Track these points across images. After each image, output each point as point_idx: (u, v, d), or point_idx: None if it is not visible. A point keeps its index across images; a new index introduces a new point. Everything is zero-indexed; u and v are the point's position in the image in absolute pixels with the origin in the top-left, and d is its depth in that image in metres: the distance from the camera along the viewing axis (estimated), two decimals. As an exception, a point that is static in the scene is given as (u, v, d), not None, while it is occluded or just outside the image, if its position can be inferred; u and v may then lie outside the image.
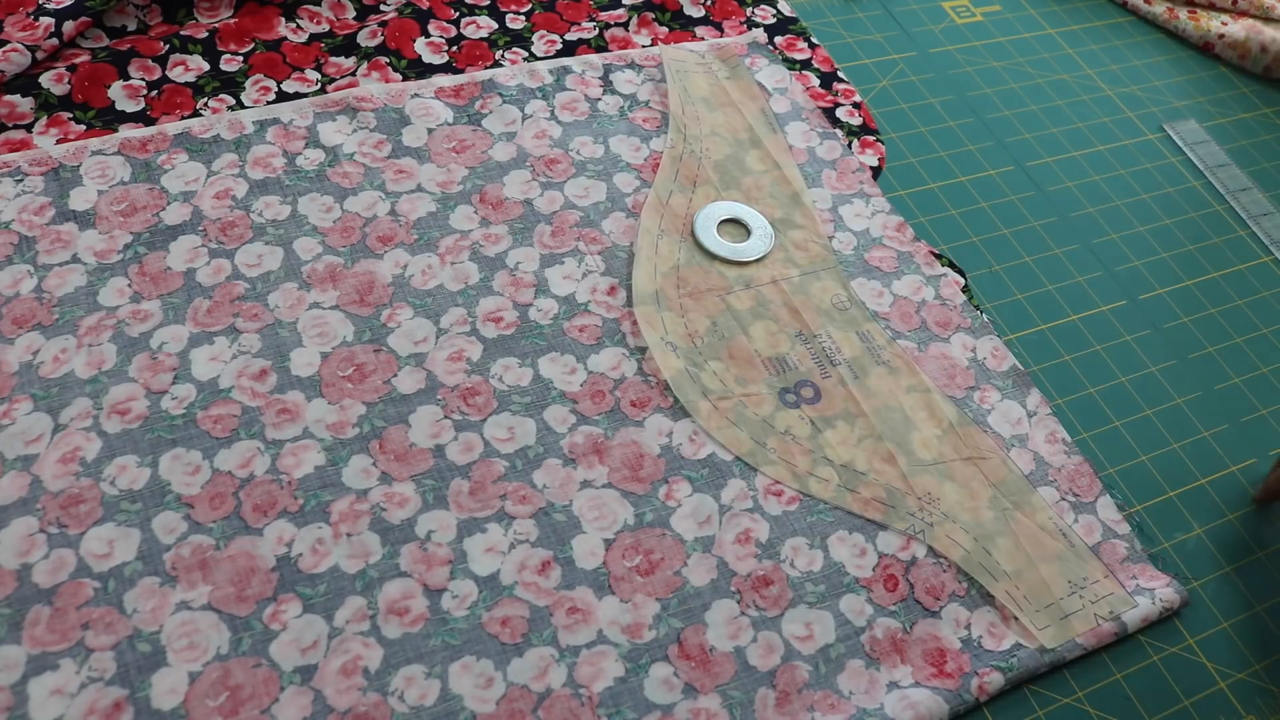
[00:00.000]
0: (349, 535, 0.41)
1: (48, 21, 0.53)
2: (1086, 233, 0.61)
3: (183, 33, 0.56)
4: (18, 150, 0.50)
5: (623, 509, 0.44)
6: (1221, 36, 0.71)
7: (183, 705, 0.36)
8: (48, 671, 0.36)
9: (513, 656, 0.39)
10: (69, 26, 0.53)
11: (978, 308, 0.54)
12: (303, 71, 0.57)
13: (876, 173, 0.60)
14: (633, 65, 0.61)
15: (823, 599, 0.43)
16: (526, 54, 0.61)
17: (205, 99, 0.54)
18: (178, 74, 0.55)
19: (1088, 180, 0.64)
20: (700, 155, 0.57)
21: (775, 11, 0.67)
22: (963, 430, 0.49)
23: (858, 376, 0.49)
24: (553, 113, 0.57)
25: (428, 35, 0.60)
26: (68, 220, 0.48)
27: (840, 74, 0.65)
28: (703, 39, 0.64)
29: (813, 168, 0.58)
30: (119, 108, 0.53)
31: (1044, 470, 0.48)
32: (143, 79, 0.54)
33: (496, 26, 0.62)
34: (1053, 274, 0.58)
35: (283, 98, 0.55)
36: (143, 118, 0.53)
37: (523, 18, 0.62)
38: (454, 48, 0.60)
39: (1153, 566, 0.47)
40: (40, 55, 0.52)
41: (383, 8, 0.61)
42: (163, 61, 0.55)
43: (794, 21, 0.67)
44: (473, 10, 0.62)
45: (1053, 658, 0.42)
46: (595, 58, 0.61)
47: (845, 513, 0.45)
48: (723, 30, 0.66)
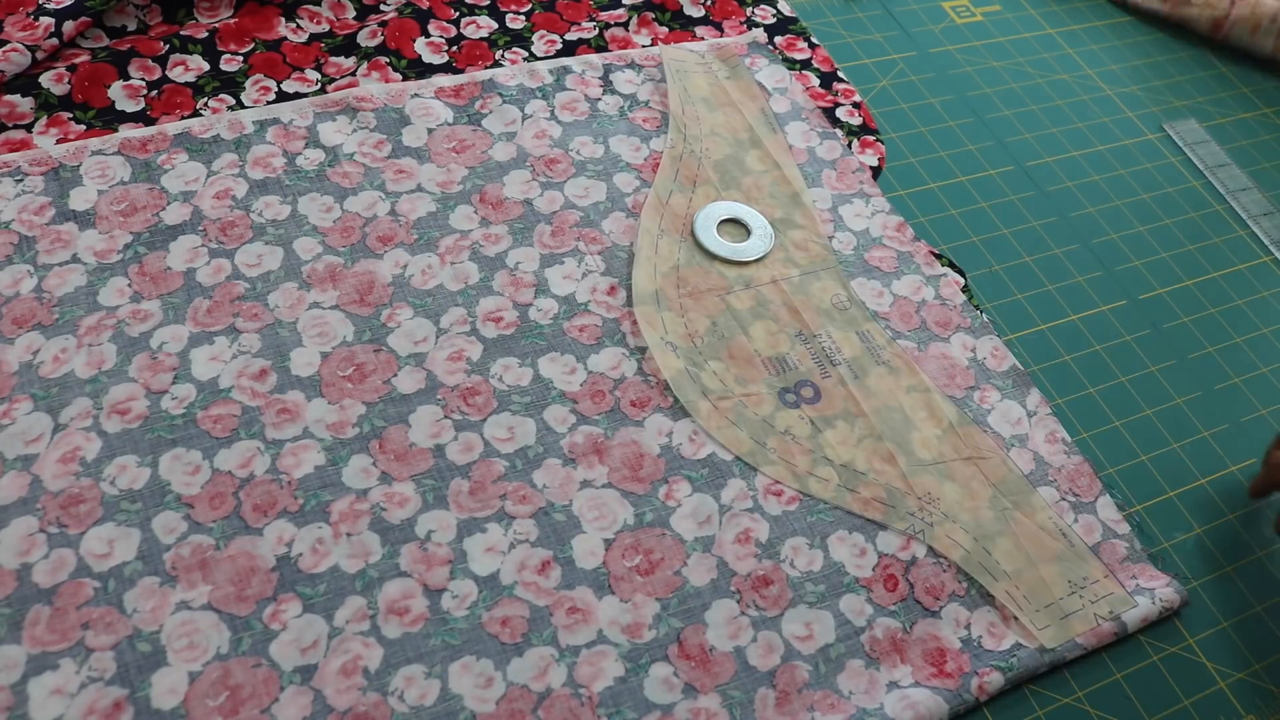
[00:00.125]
0: (349, 535, 0.41)
1: (48, 21, 0.53)
2: (1086, 233, 0.61)
3: (183, 33, 0.56)
4: (18, 150, 0.50)
5: (623, 509, 0.44)
6: (1229, 14, 0.71)
7: (183, 705, 0.36)
8: (48, 671, 0.36)
9: (512, 656, 0.39)
10: (69, 26, 0.53)
11: (978, 308, 0.54)
12: (303, 71, 0.57)
13: (876, 173, 0.60)
14: (633, 65, 0.61)
15: (823, 599, 0.43)
16: (526, 54, 0.61)
17: (205, 99, 0.54)
18: (178, 74, 0.55)
19: (1088, 180, 0.64)
20: (700, 155, 0.57)
21: (775, 11, 0.67)
22: (963, 430, 0.49)
23: (858, 376, 0.49)
24: (553, 113, 0.57)
25: (428, 35, 0.60)
26: (68, 220, 0.48)
27: (840, 74, 0.65)
28: (703, 39, 0.64)
29: (813, 168, 0.58)
30: (119, 108, 0.53)
31: (1044, 470, 0.48)
32: (143, 79, 0.54)
33: (496, 26, 0.62)
34: (1053, 274, 0.58)
35: (283, 98, 0.55)
36: (143, 118, 0.53)
37: (523, 18, 0.62)
38: (454, 48, 0.60)
39: (1152, 566, 0.46)
40: (40, 55, 0.52)
41: (383, 8, 0.61)
42: (163, 61, 0.55)
43: (794, 21, 0.67)
44: (473, 10, 0.62)
45: (1053, 658, 0.42)
46: (595, 58, 0.61)
47: (845, 513, 0.45)
48: (723, 30, 0.66)
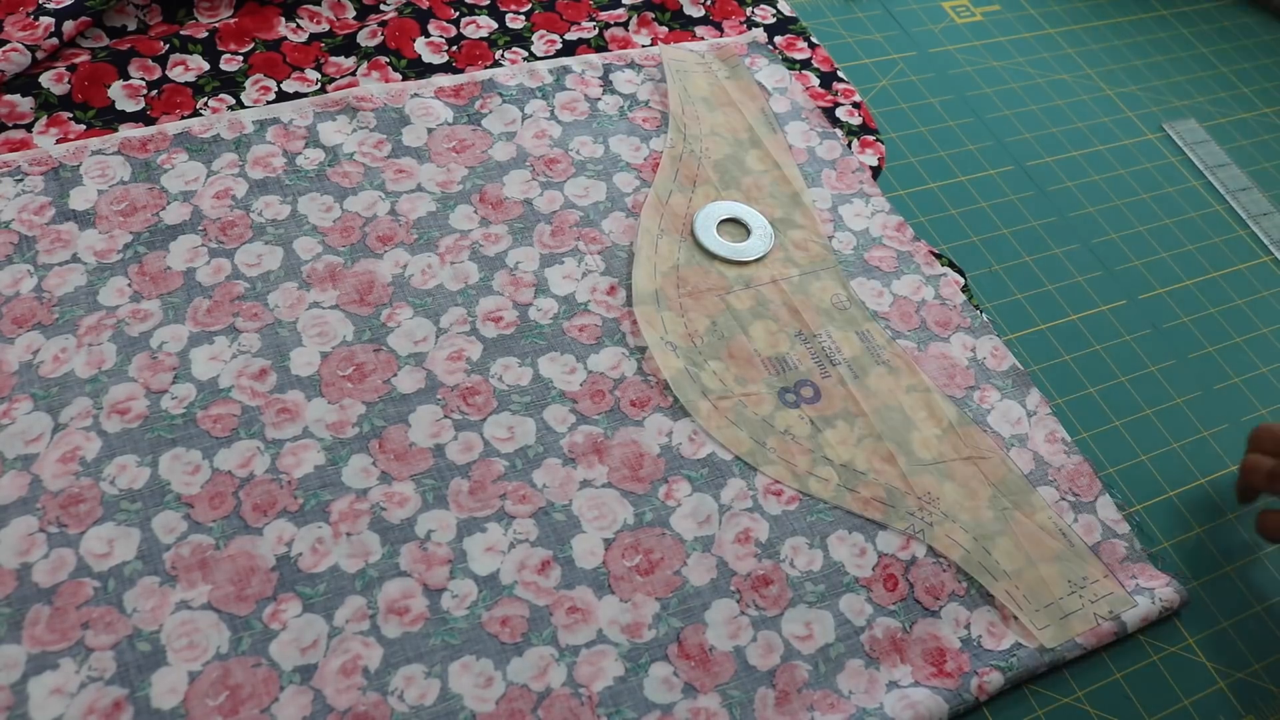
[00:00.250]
0: (349, 535, 0.41)
1: (48, 21, 0.53)
2: (1086, 233, 0.61)
3: (183, 32, 0.56)
4: (18, 150, 0.50)
5: (622, 508, 0.44)
6: None
7: (182, 705, 0.36)
8: (47, 671, 0.36)
9: (512, 656, 0.39)
10: (69, 26, 0.53)
11: (977, 307, 0.54)
12: (303, 71, 0.57)
13: (876, 172, 0.60)
14: (633, 65, 0.61)
15: (822, 598, 0.43)
16: (526, 54, 0.61)
17: (205, 99, 0.54)
18: (178, 74, 0.55)
19: (1088, 180, 0.64)
20: (700, 155, 0.57)
21: (775, 11, 0.67)
22: (962, 430, 0.49)
23: (857, 376, 0.49)
24: (553, 112, 0.57)
25: (428, 35, 0.60)
26: (68, 220, 0.48)
27: (840, 74, 0.65)
28: (703, 39, 0.64)
29: (812, 167, 0.58)
30: (119, 107, 0.53)
31: (1044, 470, 0.48)
32: (143, 79, 0.54)
33: (496, 26, 0.62)
34: (1053, 274, 0.58)
35: (283, 97, 0.55)
36: (143, 117, 0.53)
37: (523, 17, 0.62)
38: (454, 47, 0.60)
39: (1152, 566, 0.46)
40: (40, 55, 0.52)
41: (383, 7, 0.61)
42: (163, 61, 0.55)
43: (794, 21, 0.67)
44: (473, 10, 0.62)
45: (1052, 657, 0.42)
46: (595, 57, 0.61)
47: (845, 512, 0.45)
48: (722, 30, 0.66)
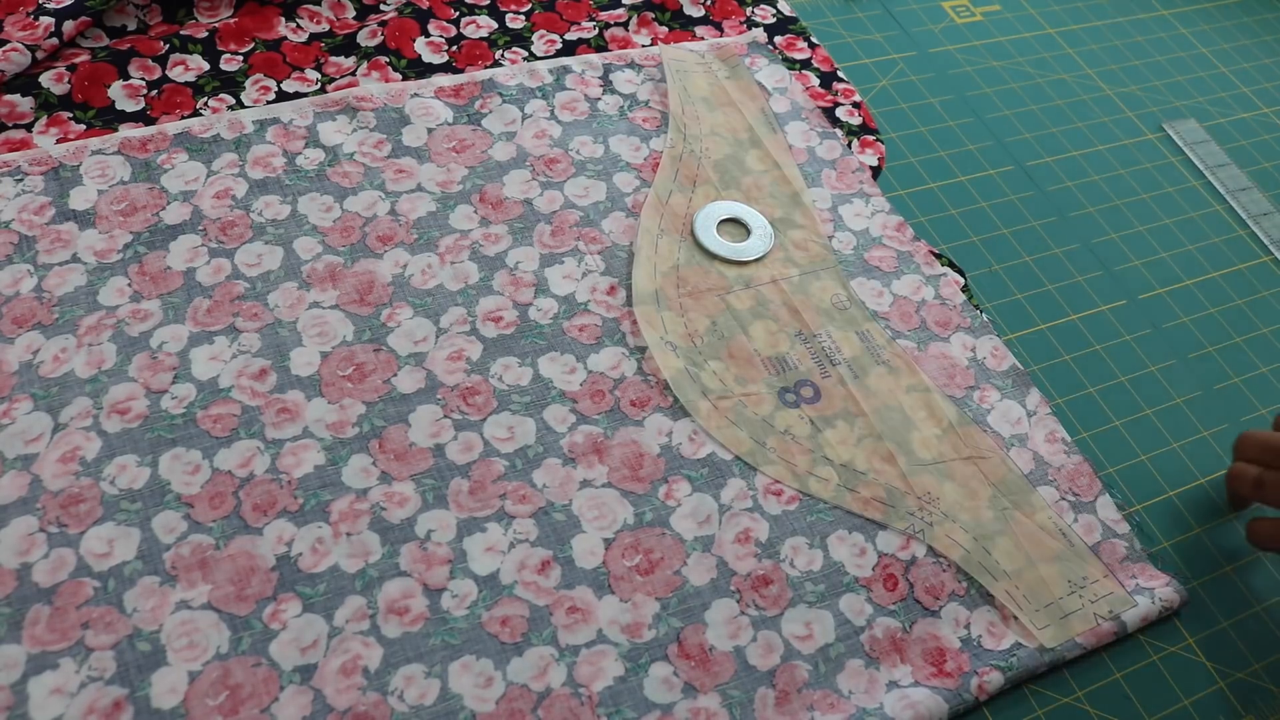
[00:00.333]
0: (349, 535, 0.41)
1: (48, 21, 0.53)
2: (1086, 232, 0.61)
3: (183, 32, 0.56)
4: (18, 150, 0.50)
5: (622, 508, 0.44)
6: None
7: (182, 704, 0.36)
8: (48, 671, 0.36)
9: (512, 656, 0.39)
10: (69, 26, 0.53)
11: (977, 307, 0.54)
12: (303, 71, 0.57)
13: (876, 172, 0.60)
14: (633, 65, 0.61)
15: (822, 598, 0.43)
16: (526, 54, 0.61)
17: (205, 99, 0.54)
18: (178, 74, 0.55)
19: (1088, 180, 0.64)
20: (700, 155, 0.57)
21: (775, 11, 0.67)
22: (962, 430, 0.49)
23: (857, 376, 0.49)
24: (553, 112, 0.57)
25: (428, 35, 0.60)
26: (68, 220, 0.48)
27: (840, 74, 0.65)
28: (703, 39, 0.64)
29: (812, 167, 0.58)
30: (119, 107, 0.53)
31: (1044, 470, 0.48)
32: (143, 79, 0.54)
33: (496, 26, 0.62)
34: (1053, 274, 0.58)
35: (283, 97, 0.55)
36: (143, 117, 0.53)
37: (522, 17, 0.62)
38: (454, 47, 0.60)
39: (1152, 566, 0.46)
40: (40, 55, 0.52)
41: (383, 7, 0.61)
42: (163, 61, 0.55)
43: (794, 21, 0.67)
44: (473, 10, 0.62)
45: (1052, 657, 0.42)
46: (595, 57, 0.61)
47: (845, 512, 0.45)
48: (722, 30, 0.66)
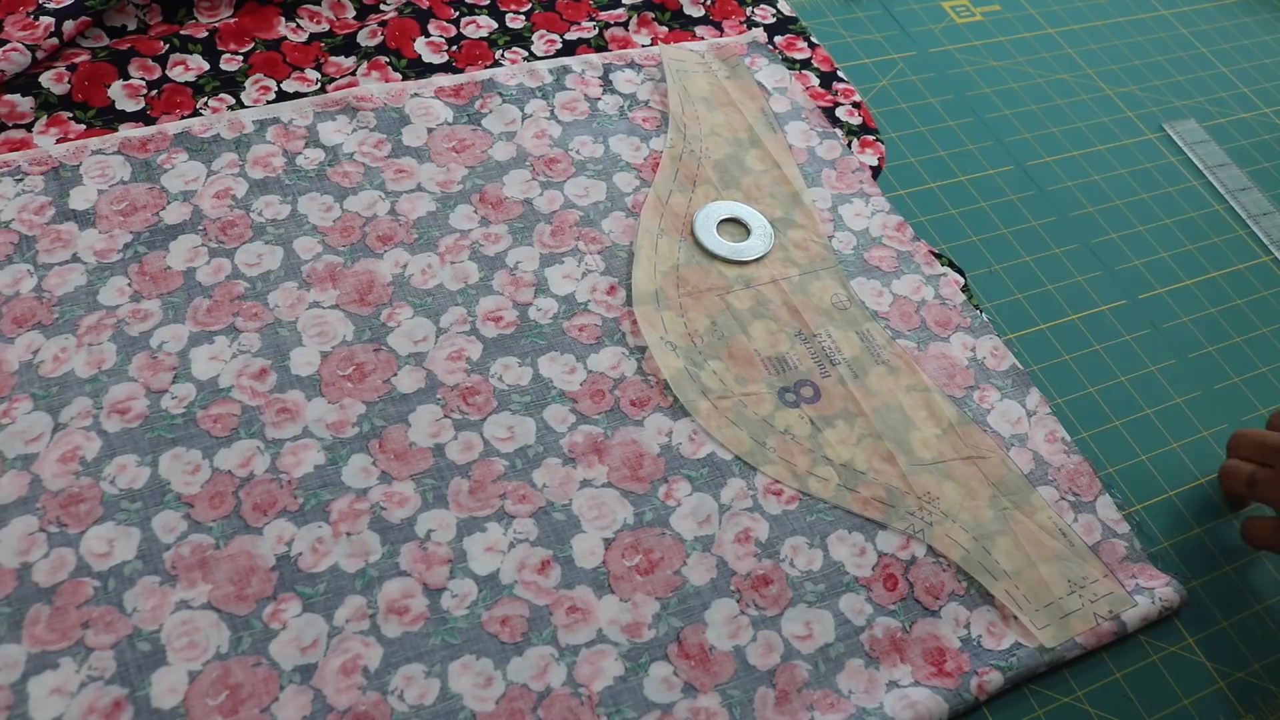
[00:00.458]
0: (349, 534, 0.41)
1: (48, 21, 0.53)
2: (1086, 232, 0.61)
3: (183, 32, 0.56)
4: (18, 150, 0.50)
5: (622, 508, 0.44)
6: None
7: (182, 704, 0.36)
8: (47, 670, 0.36)
9: (512, 656, 0.39)
10: (69, 26, 0.53)
11: (977, 307, 0.54)
12: (303, 71, 0.57)
13: (876, 172, 0.60)
14: (633, 65, 0.61)
15: (822, 598, 0.43)
16: (526, 54, 0.61)
17: (205, 98, 0.54)
18: (178, 73, 0.55)
19: (1088, 180, 0.64)
20: (700, 155, 0.57)
21: (775, 11, 0.67)
22: (962, 429, 0.49)
23: (857, 376, 0.49)
24: (553, 112, 0.57)
25: (428, 35, 0.60)
26: (68, 220, 0.48)
27: (840, 74, 0.65)
28: (703, 39, 0.64)
29: (812, 167, 0.58)
30: (119, 107, 0.53)
31: (1043, 469, 0.48)
32: (143, 78, 0.54)
33: (496, 26, 0.62)
34: (1052, 273, 0.58)
35: (283, 97, 0.55)
36: (143, 117, 0.53)
37: (523, 17, 0.62)
38: (454, 47, 0.60)
39: (1152, 566, 0.46)
40: (40, 55, 0.52)
41: (383, 7, 0.61)
42: (163, 61, 0.55)
43: (794, 21, 0.67)
44: (473, 10, 0.62)
45: (1052, 657, 0.42)
46: (595, 57, 0.61)
47: (845, 512, 0.45)
48: (722, 30, 0.66)
